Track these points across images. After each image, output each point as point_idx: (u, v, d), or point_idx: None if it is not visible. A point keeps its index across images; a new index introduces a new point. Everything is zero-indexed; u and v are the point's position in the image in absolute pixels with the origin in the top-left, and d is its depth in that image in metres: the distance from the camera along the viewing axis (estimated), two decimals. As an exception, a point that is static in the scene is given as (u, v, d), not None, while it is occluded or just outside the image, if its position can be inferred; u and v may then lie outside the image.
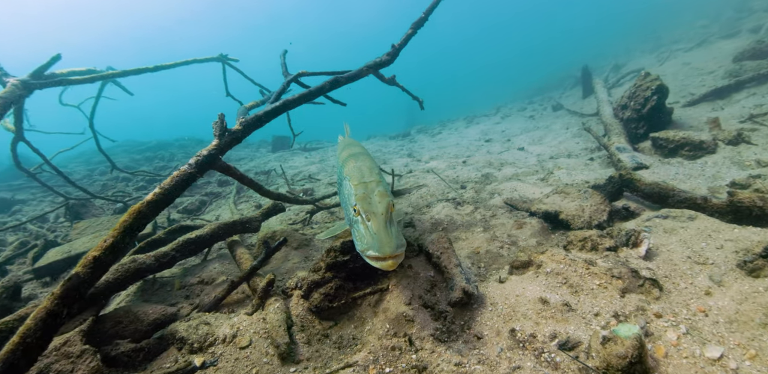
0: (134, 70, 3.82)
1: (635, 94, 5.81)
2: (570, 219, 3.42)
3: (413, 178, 7.08)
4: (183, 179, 2.28)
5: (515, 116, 13.61)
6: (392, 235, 1.93)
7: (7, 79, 2.84)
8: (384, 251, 1.80)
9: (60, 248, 4.14)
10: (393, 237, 1.91)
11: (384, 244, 1.85)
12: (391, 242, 1.87)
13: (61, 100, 5.12)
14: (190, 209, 6.64)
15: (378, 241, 1.88)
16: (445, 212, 4.68)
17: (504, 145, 8.95)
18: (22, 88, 2.86)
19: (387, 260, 1.81)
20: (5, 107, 2.71)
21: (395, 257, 1.82)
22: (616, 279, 2.29)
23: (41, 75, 3.05)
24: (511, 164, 6.93)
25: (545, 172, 5.82)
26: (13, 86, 2.82)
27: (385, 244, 1.84)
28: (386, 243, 1.85)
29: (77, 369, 2.06)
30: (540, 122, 11.04)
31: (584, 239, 2.87)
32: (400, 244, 1.90)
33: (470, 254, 3.34)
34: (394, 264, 1.81)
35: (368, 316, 2.40)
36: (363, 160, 2.80)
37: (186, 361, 2.17)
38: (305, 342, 2.26)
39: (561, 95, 14.53)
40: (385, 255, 1.79)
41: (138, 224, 2.12)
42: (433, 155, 9.66)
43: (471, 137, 11.72)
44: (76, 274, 1.92)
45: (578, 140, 7.69)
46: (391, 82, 4.90)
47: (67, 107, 5.42)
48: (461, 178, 6.45)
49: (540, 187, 5.03)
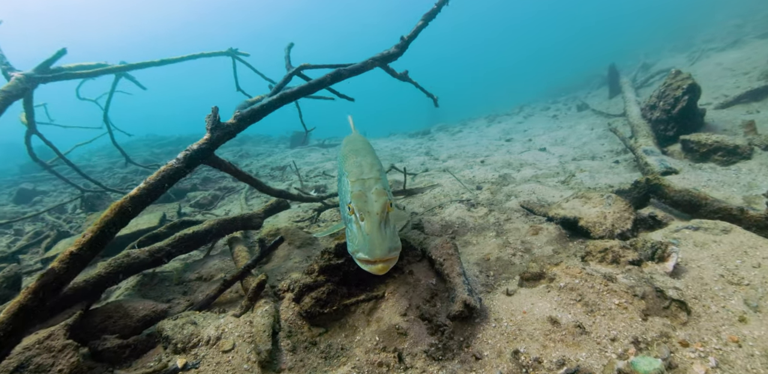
0: (139, 64, 3.81)
1: (665, 93, 5.39)
2: (590, 227, 3.14)
3: (428, 177, 6.89)
4: (169, 174, 2.19)
5: (538, 116, 13.21)
6: (385, 237, 1.79)
7: (12, 74, 2.85)
8: (374, 254, 1.67)
9: (70, 239, 4.20)
10: (386, 239, 1.77)
11: (375, 246, 1.71)
12: (383, 244, 1.72)
13: (78, 94, 5.22)
14: (202, 203, 6.68)
15: (369, 243, 1.74)
16: (457, 213, 4.47)
17: (525, 145, 8.62)
18: (25, 82, 2.87)
19: (377, 263, 1.67)
20: (7, 100, 2.71)
21: (386, 260, 1.69)
22: (638, 299, 2.03)
23: (47, 69, 3.06)
24: (531, 165, 6.62)
25: (567, 174, 5.50)
26: (17, 80, 2.83)
27: (377, 246, 1.71)
28: (377, 245, 1.71)
29: (57, 364, 2.00)
30: (563, 122, 10.64)
31: (605, 250, 2.60)
32: (394, 247, 1.76)
33: (479, 260, 3.13)
34: (385, 268, 1.68)
35: (361, 325, 2.24)
36: (364, 155, 2.63)
37: (162, 363, 2.07)
38: (290, 350, 2.12)
39: (587, 95, 14.06)
40: (375, 258, 1.66)
41: (119, 219, 2.03)
42: (451, 154, 9.45)
43: (491, 136, 11.39)
44: (52, 269, 1.86)
45: (603, 141, 7.32)
46: (404, 78, 4.71)
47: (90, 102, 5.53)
48: (478, 178, 6.22)
49: (560, 190, 4.74)
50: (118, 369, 2.26)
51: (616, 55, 17.32)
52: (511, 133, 11.07)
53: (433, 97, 5.59)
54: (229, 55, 4.87)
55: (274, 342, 2.14)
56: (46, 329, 2.20)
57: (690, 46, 14.06)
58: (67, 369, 1.98)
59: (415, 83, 5.07)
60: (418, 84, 5.14)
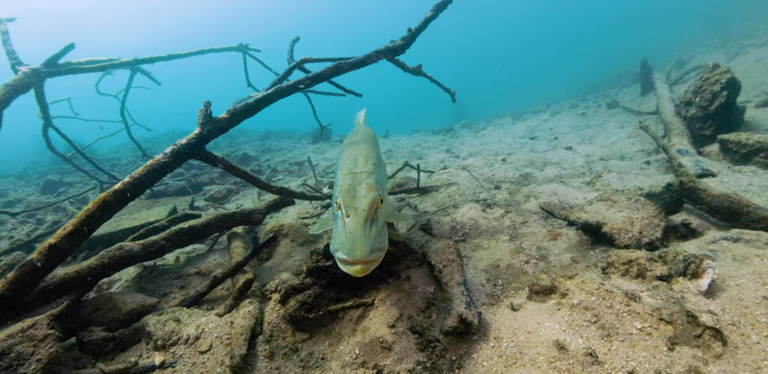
0: (146, 59, 3.81)
1: (701, 88, 4.89)
2: (614, 234, 2.84)
3: (446, 175, 6.65)
4: (155, 169, 2.11)
5: (566, 113, 12.68)
6: (368, 236, 1.64)
7: (20, 68, 2.88)
8: (353, 254, 1.53)
9: (82, 229, 4.27)
10: (369, 239, 1.62)
11: (356, 246, 1.57)
12: (365, 244, 1.58)
13: (98, 89, 5.33)
14: (216, 197, 6.74)
15: (350, 241, 1.60)
16: (470, 214, 4.23)
17: (550, 143, 8.22)
18: (31, 77, 2.90)
19: (356, 265, 1.53)
20: (11, 93, 2.74)
21: (367, 262, 1.54)
22: (664, 324, 1.75)
23: (55, 64, 3.08)
24: (556, 164, 6.26)
25: (592, 175, 5.13)
26: (23, 74, 2.86)
27: (357, 246, 1.56)
28: (358, 245, 1.57)
29: (37, 353, 1.98)
30: (592, 120, 10.15)
31: (629, 262, 2.30)
32: (377, 248, 1.61)
33: (488, 267, 2.88)
34: (364, 270, 1.54)
35: (347, 334, 2.08)
36: (361, 148, 2.46)
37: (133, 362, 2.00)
38: (267, 356, 1.99)
39: (617, 93, 13.37)
40: (354, 259, 1.52)
41: (102, 213, 1.97)
42: (472, 152, 9.18)
43: (516, 133, 10.98)
44: (31, 260, 1.81)
45: (633, 140, 6.87)
46: (417, 72, 4.50)
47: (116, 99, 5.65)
48: (497, 177, 5.96)
49: (584, 192, 4.40)
50: (101, 362, 2.23)
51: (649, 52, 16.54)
52: (537, 131, 10.66)
53: (450, 92, 5.37)
54: (239, 50, 4.81)
55: (251, 346, 2.02)
56: (32, 318, 2.19)
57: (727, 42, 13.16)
58: (46, 359, 1.95)
59: (430, 78, 4.86)
60: (433, 78, 4.93)
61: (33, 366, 1.89)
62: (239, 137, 17.30)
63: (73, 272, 2.45)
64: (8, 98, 2.71)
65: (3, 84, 2.74)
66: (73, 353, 2.32)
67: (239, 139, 16.83)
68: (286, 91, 2.51)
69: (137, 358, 2.19)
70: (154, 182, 2.13)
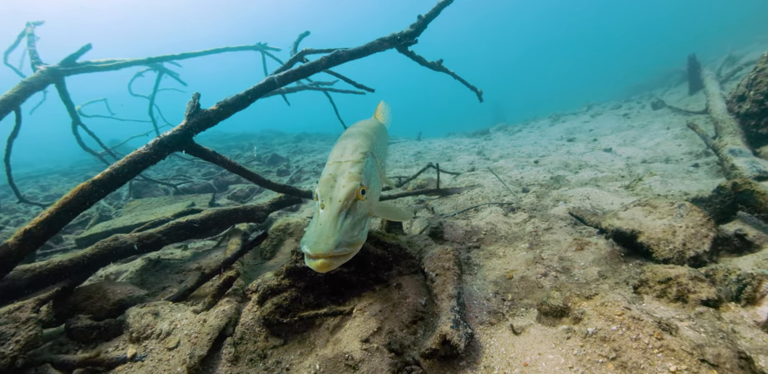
0: (160, 58, 3.91)
1: (756, 80, 4.22)
2: (652, 245, 2.42)
3: (472, 176, 6.33)
4: (135, 160, 2.07)
5: (607, 115, 11.96)
6: (338, 229, 1.47)
7: (39, 67, 3.02)
8: (316, 248, 1.37)
9: (105, 222, 4.46)
10: (337, 231, 1.45)
11: (321, 238, 1.41)
12: (331, 237, 1.41)
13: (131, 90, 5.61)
14: (238, 195, 6.85)
15: (317, 234, 1.44)
16: (490, 218, 3.91)
17: (588, 145, 7.66)
18: (48, 75, 3.04)
19: (318, 259, 1.37)
20: (27, 90, 2.88)
21: (331, 257, 1.38)
22: (707, 368, 1.36)
23: (72, 63, 3.21)
24: (592, 166, 5.75)
25: (632, 178, 4.60)
26: (40, 73, 3.01)
27: (322, 239, 1.41)
28: (324, 238, 1.41)
29: (18, 334, 2.01)
30: (635, 121, 9.49)
31: (668, 280, 1.91)
32: (346, 242, 1.43)
33: (499, 278, 2.57)
34: (327, 266, 1.37)
35: (320, 344, 1.88)
36: (355, 138, 2.26)
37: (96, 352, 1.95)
38: (231, 360, 1.85)
39: (664, 92, 12.46)
40: (316, 253, 1.36)
41: (79, 202, 1.95)
42: (503, 154, 8.82)
43: (552, 135, 10.44)
44: (6, 244, 1.81)
45: (680, 141, 6.28)
46: (437, 67, 4.26)
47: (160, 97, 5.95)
48: (526, 180, 5.58)
49: (621, 196, 3.92)
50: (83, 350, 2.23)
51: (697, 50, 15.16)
52: (575, 132, 10.11)
53: (476, 90, 5.09)
54: (257, 49, 4.83)
55: (217, 347, 1.89)
56: (21, 301, 2.23)
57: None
58: (24, 341, 1.97)
59: (453, 74, 4.61)
60: (456, 75, 4.68)
61: (11, 347, 1.91)
62: (274, 139, 17.82)
63: (67, 260, 2.48)
64: (23, 94, 2.86)
65: (20, 81, 2.89)
66: (61, 338, 2.35)
67: (274, 141, 17.33)
68: (280, 81, 2.39)
69: (114, 349, 2.17)
70: (134, 173, 2.08)
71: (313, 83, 4.93)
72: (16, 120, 2.86)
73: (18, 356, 1.90)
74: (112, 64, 3.39)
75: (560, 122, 12.91)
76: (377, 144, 2.39)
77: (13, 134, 2.84)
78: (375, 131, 2.60)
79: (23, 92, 2.86)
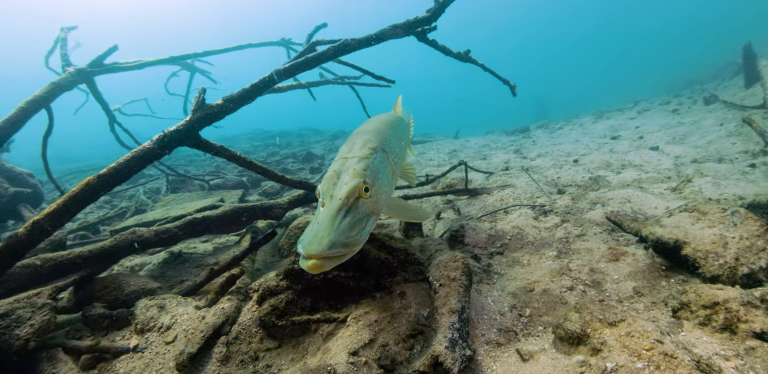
0: (182, 56, 4.02)
1: None
2: (699, 258, 2.09)
3: (505, 176, 6.03)
4: (140, 156, 2.10)
5: (655, 111, 11.22)
6: (334, 228, 1.37)
7: (68, 68, 3.21)
8: (308, 248, 1.28)
9: (138, 215, 4.70)
10: (333, 231, 1.35)
11: (315, 238, 1.32)
12: (325, 237, 1.31)
13: (167, 89, 5.87)
14: (269, 192, 6.98)
15: (312, 233, 1.35)
16: (517, 221, 3.64)
17: (633, 143, 7.11)
18: (76, 76, 3.22)
19: (310, 259, 1.28)
20: (56, 90, 3.07)
21: (324, 258, 1.28)
22: None
23: (100, 64, 3.38)
24: (636, 166, 5.26)
25: (680, 179, 4.13)
26: (68, 74, 3.20)
27: (316, 238, 1.31)
28: (318, 238, 1.32)
29: (33, 319, 2.10)
30: (685, 118, 8.82)
31: (714, 305, 1.60)
32: (342, 243, 1.33)
33: (519, 290, 2.33)
34: (318, 267, 1.28)
35: (312, 351, 1.79)
36: (367, 133, 2.14)
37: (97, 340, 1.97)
38: (221, 359, 1.80)
39: (717, 86, 11.48)
40: (308, 253, 1.27)
41: (85, 195, 2.00)
42: (541, 152, 8.43)
43: (595, 133, 9.82)
44: (16, 234, 1.89)
45: (735, 139, 5.75)
46: (464, 58, 4.04)
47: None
48: (563, 180, 5.23)
49: (667, 200, 3.50)
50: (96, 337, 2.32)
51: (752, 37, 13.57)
52: (620, 130, 9.51)
53: (509, 84, 4.83)
54: (281, 45, 4.82)
55: (211, 345, 1.85)
56: (40, 288, 2.35)
57: None
58: (37, 325, 2.06)
59: (482, 65, 4.38)
60: (485, 67, 4.44)
61: (26, 330, 2.01)
62: (312, 137, 18.20)
63: (86, 251, 2.59)
64: (52, 94, 3.05)
65: (49, 82, 3.09)
66: (77, 324, 2.46)
67: (311, 138, 17.69)
68: (283, 74, 2.32)
69: (121, 338, 2.23)
70: (139, 168, 2.10)
71: (338, 77, 4.87)
72: (49, 119, 3.07)
73: (30, 339, 1.99)
74: (136, 64, 3.54)
75: (604, 119, 12.20)
76: (391, 139, 2.24)
77: (47, 132, 3.06)
78: (390, 125, 2.44)
79: (51, 93, 3.06)
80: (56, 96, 3.06)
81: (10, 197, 3.94)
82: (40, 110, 2.91)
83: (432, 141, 15.19)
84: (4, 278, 2.34)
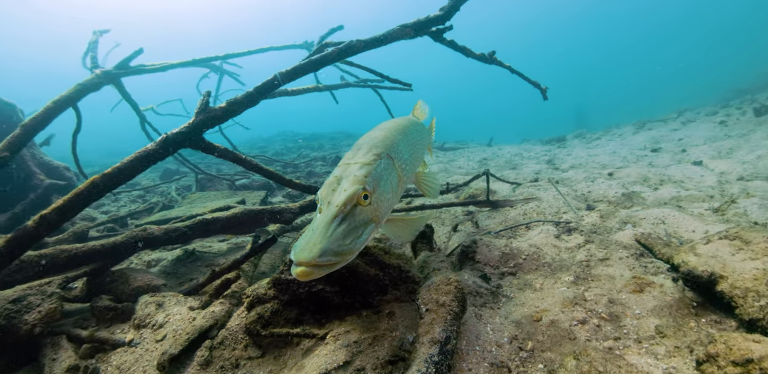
0: (204, 59, 4.15)
1: None
2: (736, 297, 1.84)
3: (533, 188, 5.74)
4: (143, 156, 2.16)
5: (700, 122, 10.51)
6: (327, 236, 1.31)
7: (95, 70, 3.41)
8: (299, 256, 1.22)
9: (163, 212, 4.90)
10: (326, 238, 1.29)
11: (307, 245, 1.26)
12: (317, 245, 1.26)
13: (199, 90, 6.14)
14: (292, 194, 7.09)
15: (305, 240, 1.30)
16: (536, 239, 3.40)
17: (675, 157, 6.58)
18: (102, 77, 3.42)
19: (299, 266, 1.22)
20: (82, 91, 3.28)
21: (314, 266, 1.22)
22: None
23: (126, 66, 3.56)
24: (676, 183, 4.82)
25: (724, 199, 3.71)
26: (95, 76, 3.40)
27: (308, 245, 1.26)
28: (310, 245, 1.26)
29: (41, 306, 2.21)
30: (733, 130, 8.24)
31: (746, 363, 1.37)
32: (334, 251, 1.27)
33: (524, 318, 2.11)
34: (307, 275, 1.22)
35: (290, 365, 1.72)
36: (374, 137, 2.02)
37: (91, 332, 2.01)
38: (202, 363, 1.78)
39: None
40: (298, 260, 1.22)
41: (90, 192, 2.08)
42: (575, 164, 7.99)
43: (635, 144, 9.28)
44: (25, 226, 1.99)
45: None
46: (488, 60, 3.86)
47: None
48: (593, 195, 4.89)
49: (707, 222, 3.14)
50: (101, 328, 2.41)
51: None
52: (661, 142, 8.93)
53: (539, 87, 4.61)
54: (304, 48, 4.88)
55: (195, 347, 1.84)
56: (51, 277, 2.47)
57: None
58: (45, 311, 2.18)
59: (509, 67, 4.21)
60: (513, 69, 4.27)
61: (34, 316, 2.12)
62: (344, 140, 18.47)
63: (99, 245, 2.70)
64: (78, 94, 3.26)
65: (76, 83, 3.30)
66: (86, 314, 2.57)
67: (343, 142, 17.95)
68: (285, 77, 2.31)
69: (121, 331, 2.31)
70: (142, 168, 2.16)
71: (360, 80, 4.85)
72: (77, 117, 3.29)
73: (37, 324, 2.10)
74: (160, 66, 3.71)
75: (645, 130, 11.50)
76: (400, 145, 2.11)
77: (76, 130, 3.27)
78: (401, 130, 2.30)
79: (77, 93, 3.27)
80: (82, 96, 3.27)
81: (45, 189, 4.27)
82: (66, 109, 3.12)
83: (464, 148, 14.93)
84: (23, 265, 2.49)
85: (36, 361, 2.09)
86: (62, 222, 2.02)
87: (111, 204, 6.76)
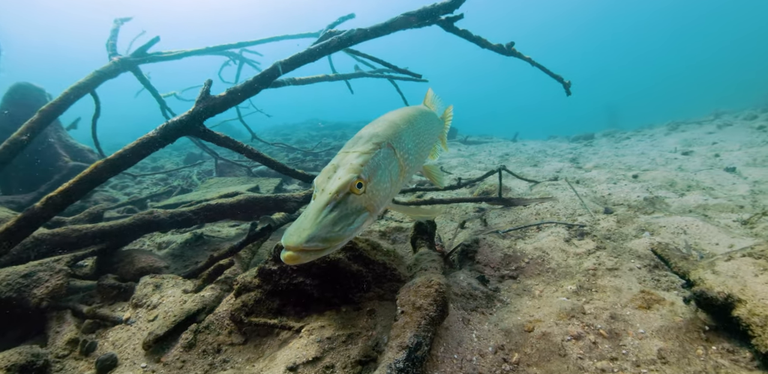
0: (218, 47, 4.20)
1: None
2: (754, 325, 1.68)
3: (551, 187, 5.53)
4: (144, 143, 2.22)
5: (738, 126, 9.95)
6: (317, 221, 1.32)
7: (113, 58, 3.52)
8: (288, 240, 1.25)
9: (180, 195, 5.09)
10: (316, 224, 1.30)
11: (297, 229, 1.28)
12: (306, 230, 1.27)
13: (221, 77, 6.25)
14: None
15: (295, 225, 1.32)
16: (544, 242, 3.26)
17: (707, 162, 6.17)
18: (119, 65, 3.53)
19: (288, 250, 1.25)
20: (99, 78, 3.40)
21: (300, 250, 1.24)
22: None
23: (143, 54, 3.66)
24: (705, 189, 4.51)
25: (755, 210, 3.42)
26: (112, 63, 3.52)
27: (297, 230, 1.28)
28: (299, 230, 1.28)
29: (48, 281, 2.37)
30: None
31: None
32: (322, 237, 1.27)
33: (515, 327, 1.99)
34: (293, 259, 1.23)
35: (265, 356, 1.74)
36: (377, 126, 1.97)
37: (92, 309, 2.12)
38: (185, 346, 1.84)
39: None
40: (287, 245, 1.24)
41: (93, 177, 2.17)
42: (599, 163, 7.64)
43: (665, 146, 8.83)
44: (33, 207, 2.10)
45: None
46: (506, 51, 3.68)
47: None
48: (613, 198, 4.66)
49: (733, 235, 2.91)
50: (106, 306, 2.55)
51: None
52: (694, 145, 8.41)
53: (563, 82, 4.36)
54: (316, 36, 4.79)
55: (179, 330, 1.91)
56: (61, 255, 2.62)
57: None
58: (51, 286, 2.33)
59: (529, 59, 4.00)
60: (533, 61, 4.05)
61: (42, 290, 2.28)
62: (367, 129, 18.49)
63: (108, 226, 2.84)
64: (95, 81, 3.41)
65: (93, 70, 3.43)
66: (92, 291, 2.72)
67: (366, 130, 18.00)
68: (286, 65, 2.30)
69: (121, 309, 2.43)
70: (143, 155, 2.23)
71: (376, 70, 4.77)
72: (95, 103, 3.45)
73: (44, 298, 2.24)
74: (176, 54, 3.79)
75: (678, 132, 10.92)
76: (405, 135, 2.05)
77: (95, 115, 3.42)
78: (408, 119, 2.23)
79: (94, 80, 3.42)
80: (100, 83, 3.41)
81: (69, 170, 4.53)
82: (84, 95, 3.27)
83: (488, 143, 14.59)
84: (39, 242, 2.66)
85: (43, 333, 2.25)
86: (68, 204, 2.12)
87: (134, 186, 7.11)
